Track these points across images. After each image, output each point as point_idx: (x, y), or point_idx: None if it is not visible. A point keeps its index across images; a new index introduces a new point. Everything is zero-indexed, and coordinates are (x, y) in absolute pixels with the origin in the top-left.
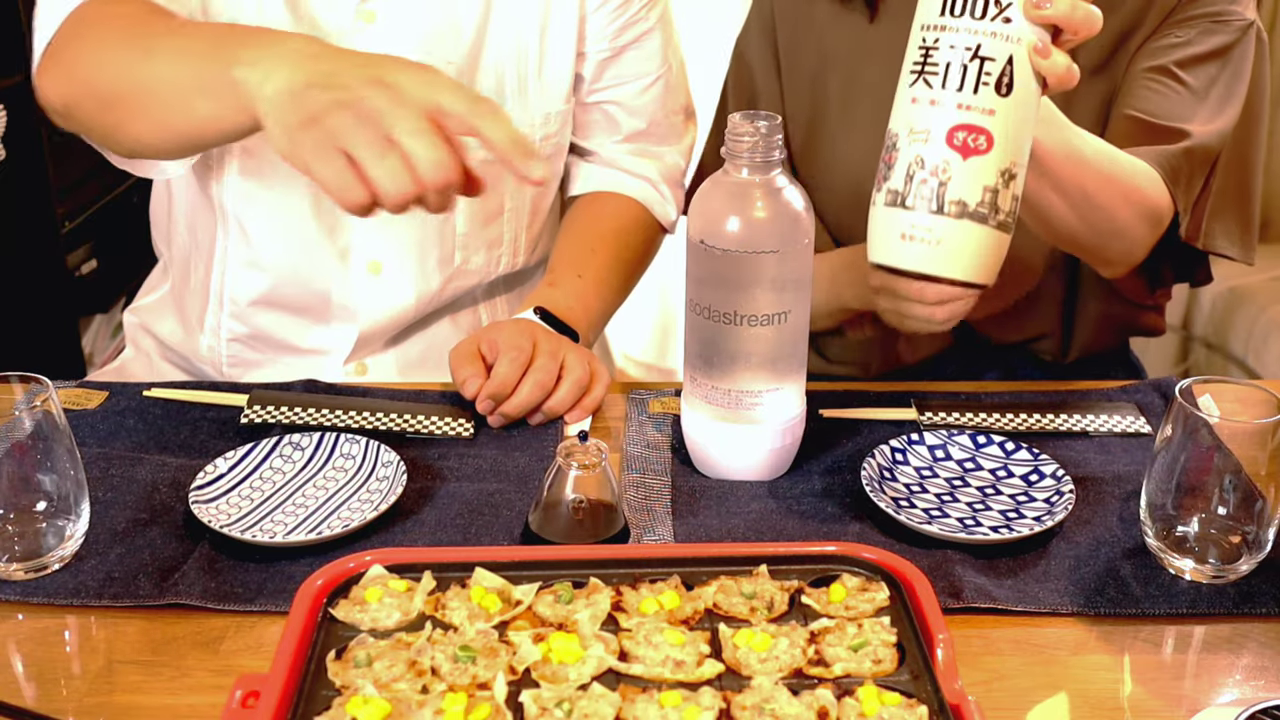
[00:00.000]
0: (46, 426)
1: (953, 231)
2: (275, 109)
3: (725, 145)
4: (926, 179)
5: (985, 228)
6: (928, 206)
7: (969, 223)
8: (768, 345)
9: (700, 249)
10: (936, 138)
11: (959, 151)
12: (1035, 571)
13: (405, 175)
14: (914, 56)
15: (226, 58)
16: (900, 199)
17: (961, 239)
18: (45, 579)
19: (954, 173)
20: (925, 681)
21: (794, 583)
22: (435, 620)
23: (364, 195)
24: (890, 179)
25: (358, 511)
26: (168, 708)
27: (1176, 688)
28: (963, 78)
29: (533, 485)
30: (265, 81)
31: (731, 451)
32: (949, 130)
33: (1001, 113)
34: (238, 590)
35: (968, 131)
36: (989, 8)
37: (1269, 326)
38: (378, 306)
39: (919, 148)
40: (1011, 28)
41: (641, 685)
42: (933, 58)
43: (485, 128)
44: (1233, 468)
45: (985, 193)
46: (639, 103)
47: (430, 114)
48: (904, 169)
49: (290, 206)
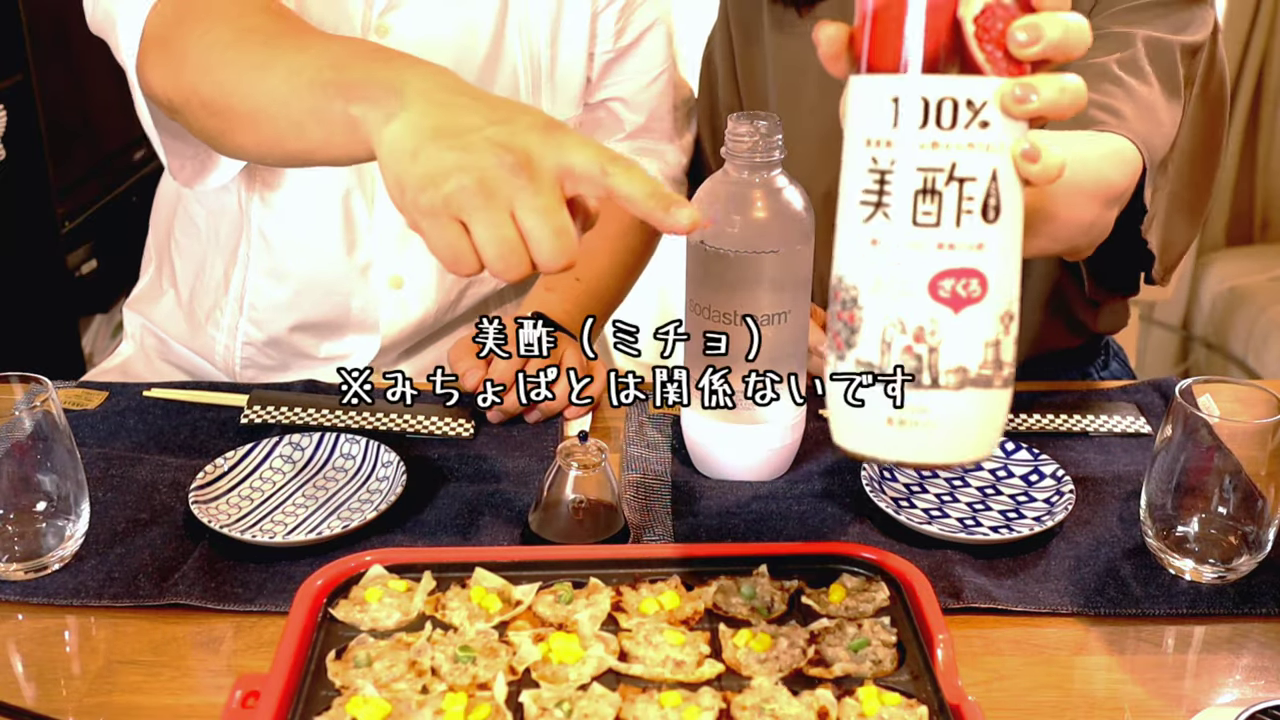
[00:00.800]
0: (46, 426)
1: (953, 407)
2: (393, 159)
3: (725, 145)
4: (911, 345)
5: (990, 391)
6: (917, 381)
7: (972, 391)
8: (767, 345)
9: (700, 249)
10: (915, 289)
11: (948, 304)
12: (1035, 572)
13: (521, 257)
14: (862, 182)
15: (348, 88)
16: (875, 375)
17: (965, 414)
18: (45, 579)
19: (945, 333)
20: (925, 682)
21: (794, 583)
22: (435, 620)
23: (474, 266)
24: (857, 346)
25: (358, 512)
26: (168, 708)
27: (1176, 688)
28: (939, 209)
29: (533, 485)
30: (386, 123)
31: (731, 452)
32: (932, 279)
33: (993, 243)
34: (238, 590)
35: (955, 277)
36: (959, 113)
37: (1269, 326)
38: (398, 319)
39: (893, 305)
40: (990, 134)
41: (641, 685)
42: (891, 184)
43: (620, 186)
44: (1233, 468)
45: (986, 349)
46: (642, 99)
47: (560, 179)
48: (876, 334)
49: (316, 221)
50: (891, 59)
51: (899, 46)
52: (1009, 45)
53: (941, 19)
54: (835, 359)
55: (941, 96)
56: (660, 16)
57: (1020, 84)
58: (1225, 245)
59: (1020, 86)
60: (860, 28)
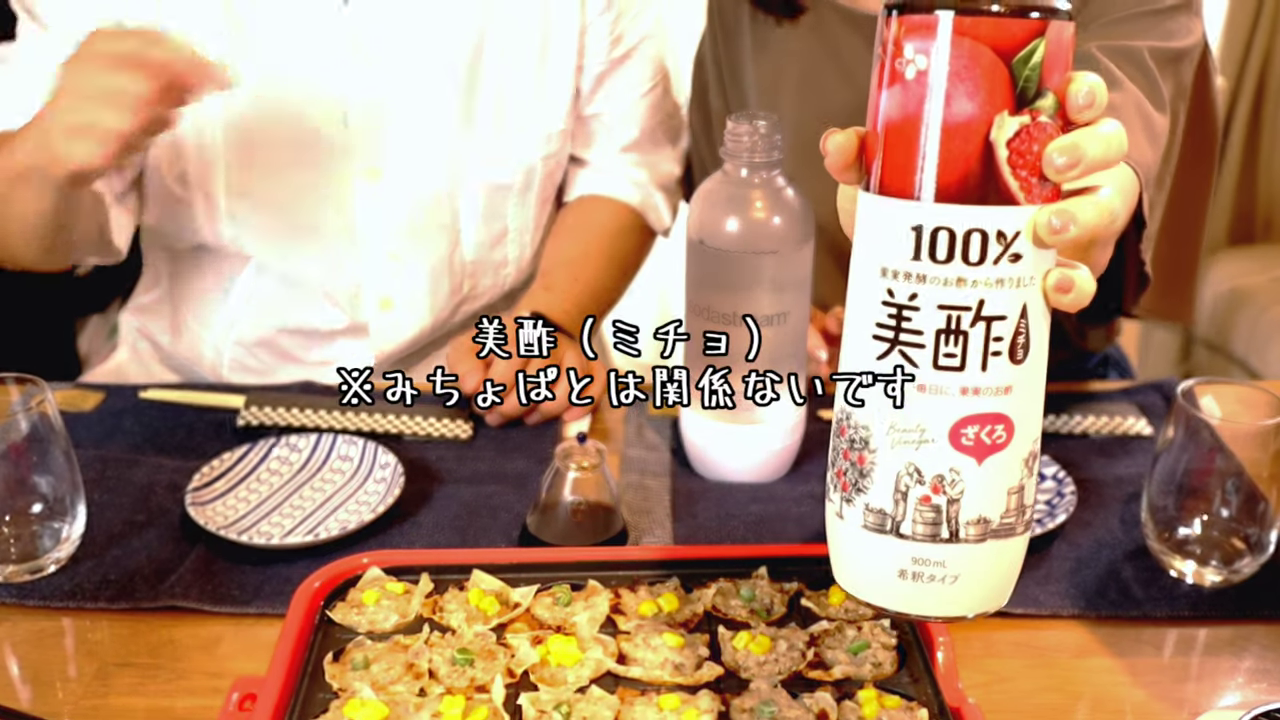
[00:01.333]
0: (42, 428)
1: (974, 560)
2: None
3: (725, 145)
4: (929, 496)
5: (1012, 540)
6: (935, 535)
7: (994, 543)
8: (767, 346)
9: (700, 249)
10: (936, 437)
11: (971, 455)
12: (1036, 574)
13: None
14: (875, 315)
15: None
16: (892, 525)
17: (985, 567)
18: (41, 581)
19: (967, 483)
20: (926, 684)
21: (793, 585)
22: (433, 623)
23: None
24: (868, 492)
25: (355, 513)
26: (164, 710)
27: (1178, 691)
28: (964, 351)
29: (531, 487)
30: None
31: (731, 453)
32: (953, 426)
33: (1021, 385)
34: (234, 593)
35: (980, 424)
36: (988, 247)
37: (1271, 327)
38: (390, 337)
39: (910, 453)
40: (1022, 267)
41: (640, 688)
42: (911, 322)
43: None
44: (1235, 469)
45: (1010, 497)
46: (634, 111)
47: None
48: (889, 481)
49: (296, 250)
50: (911, 183)
51: (921, 170)
52: (1045, 169)
53: (972, 143)
54: (842, 501)
55: (969, 229)
56: (652, 30)
57: (1056, 212)
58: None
59: (1057, 216)
60: (873, 141)
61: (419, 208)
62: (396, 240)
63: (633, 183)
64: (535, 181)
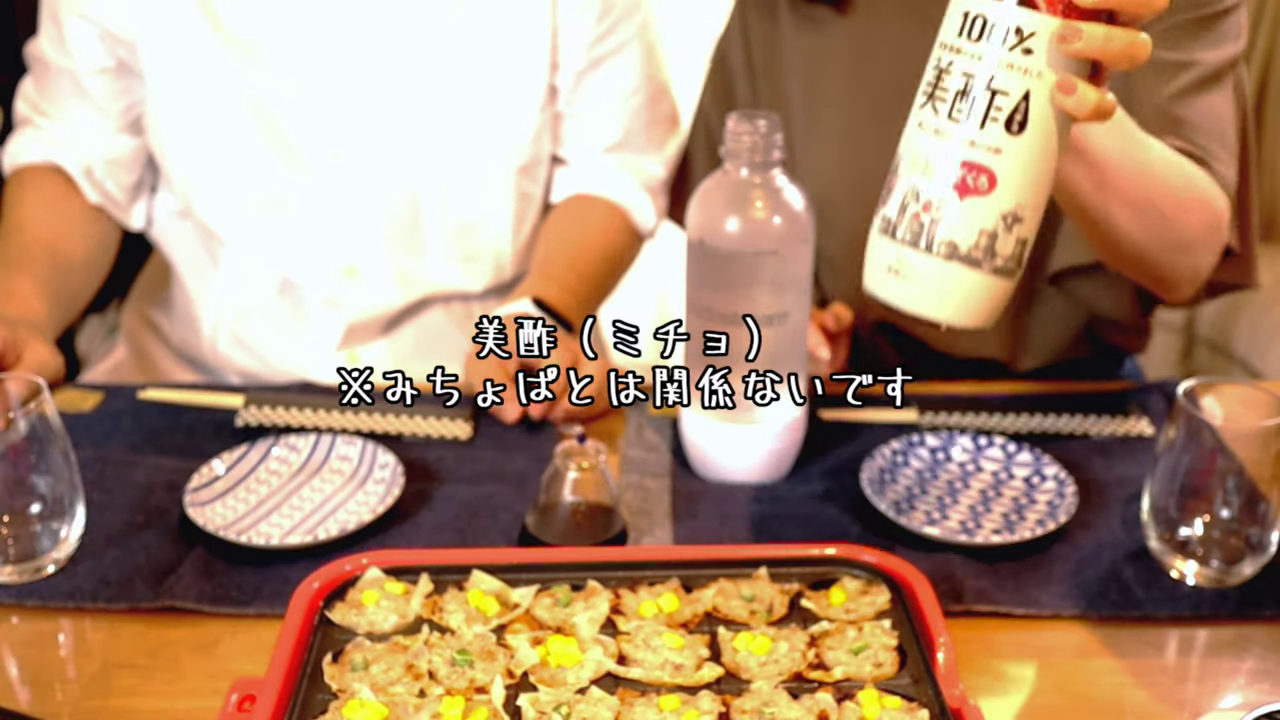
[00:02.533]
0: (41, 428)
1: (939, 274)
2: None
3: (725, 145)
4: (919, 213)
5: (977, 273)
6: (916, 243)
7: (958, 266)
8: (767, 345)
9: (700, 249)
10: (936, 171)
11: (957, 190)
12: (1037, 574)
13: None
14: (928, 76)
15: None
16: (891, 228)
17: (948, 283)
18: (40, 582)
19: (947, 212)
20: (926, 685)
21: (794, 585)
22: (432, 623)
23: None
24: (887, 204)
25: (354, 514)
26: (163, 711)
27: (1179, 691)
28: (970, 109)
29: (531, 487)
30: None
31: (731, 454)
32: (949, 165)
33: (1010, 152)
34: (233, 593)
35: (969, 170)
36: (1008, 36)
37: (1272, 328)
38: (360, 304)
39: (917, 178)
40: (1032, 60)
41: (640, 689)
42: (944, 82)
43: None
44: (1236, 470)
45: (981, 236)
46: (618, 114)
47: None
48: (899, 198)
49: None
50: None
51: None
52: None
53: None
54: (876, 212)
55: (998, 20)
56: (638, 34)
57: (1068, 25)
58: None
59: (1067, 26)
60: None
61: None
62: (358, 210)
63: (618, 184)
64: (507, 174)
